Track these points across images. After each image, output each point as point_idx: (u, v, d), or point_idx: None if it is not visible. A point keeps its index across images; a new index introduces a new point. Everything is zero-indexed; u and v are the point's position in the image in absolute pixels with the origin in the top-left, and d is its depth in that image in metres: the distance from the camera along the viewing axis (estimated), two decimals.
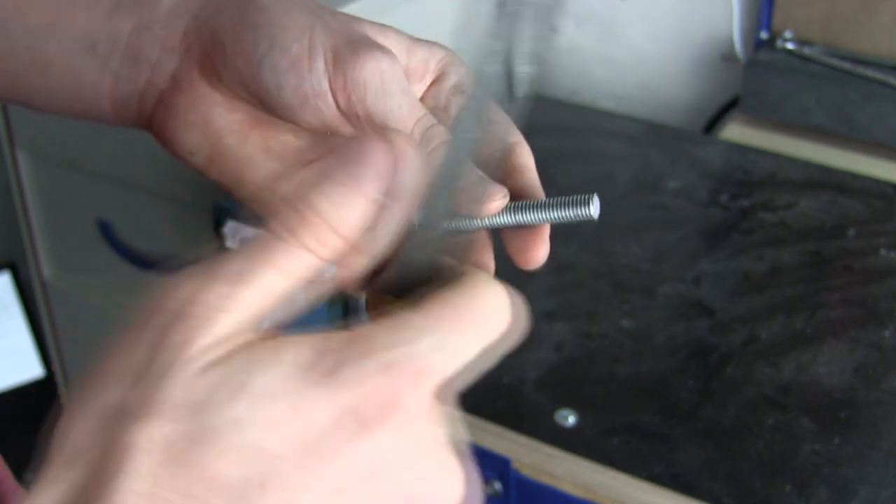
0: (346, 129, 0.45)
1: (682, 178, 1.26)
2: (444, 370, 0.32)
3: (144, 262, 1.39)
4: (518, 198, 0.44)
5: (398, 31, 0.47)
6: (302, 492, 0.29)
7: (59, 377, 1.64)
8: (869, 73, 1.25)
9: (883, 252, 1.12)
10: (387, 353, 0.31)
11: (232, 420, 0.29)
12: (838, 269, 1.09)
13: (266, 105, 0.45)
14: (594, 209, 0.42)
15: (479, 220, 0.44)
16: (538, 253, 0.44)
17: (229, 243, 0.90)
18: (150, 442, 0.29)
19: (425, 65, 0.47)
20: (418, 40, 0.48)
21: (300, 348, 0.31)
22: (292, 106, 0.44)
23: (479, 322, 0.33)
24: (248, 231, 0.90)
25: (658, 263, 1.11)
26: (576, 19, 1.52)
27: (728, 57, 1.44)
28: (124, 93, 0.48)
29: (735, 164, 1.30)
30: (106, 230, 1.41)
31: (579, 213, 0.42)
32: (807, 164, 1.27)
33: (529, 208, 0.43)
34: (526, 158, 0.46)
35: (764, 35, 1.35)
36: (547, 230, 0.44)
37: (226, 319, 0.31)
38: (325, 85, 0.44)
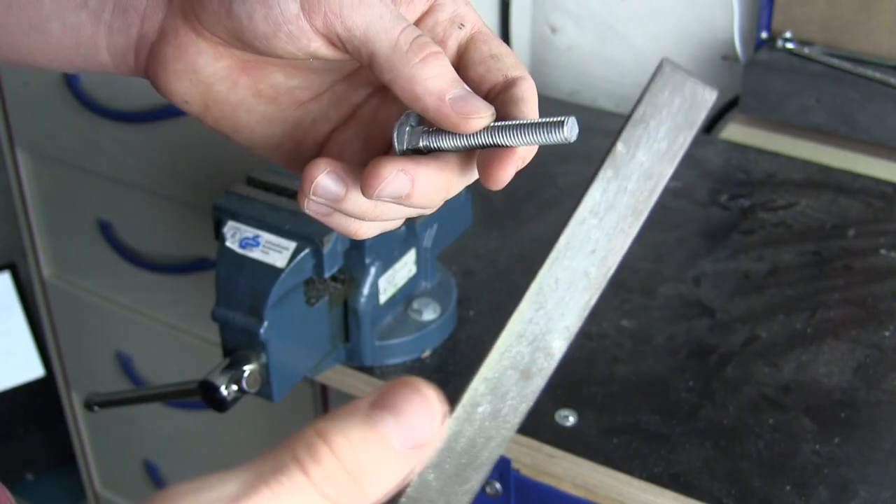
0: (326, 52, 0.44)
1: (682, 178, 1.26)
2: None
3: (144, 262, 1.39)
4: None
5: None
6: None
7: (59, 377, 1.64)
8: (869, 73, 1.25)
9: (883, 252, 1.12)
10: None
11: None
12: (838, 269, 1.09)
13: (243, 41, 0.44)
14: (568, 131, 0.41)
15: (458, 139, 0.43)
16: (502, 173, 0.43)
17: (229, 243, 0.90)
18: None
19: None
20: None
21: None
22: (266, 34, 0.43)
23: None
24: (250, 231, 0.90)
25: (658, 263, 1.11)
26: (576, 19, 1.52)
27: (728, 57, 1.44)
28: (120, 45, 0.48)
29: (735, 164, 1.30)
30: (106, 230, 1.41)
31: (555, 135, 0.41)
32: (807, 164, 1.27)
33: (505, 129, 0.42)
34: (526, 93, 0.44)
35: (764, 35, 1.35)
36: (516, 152, 0.43)
37: None
38: (296, 8, 0.43)
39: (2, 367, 1.88)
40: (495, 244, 1.15)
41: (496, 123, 0.42)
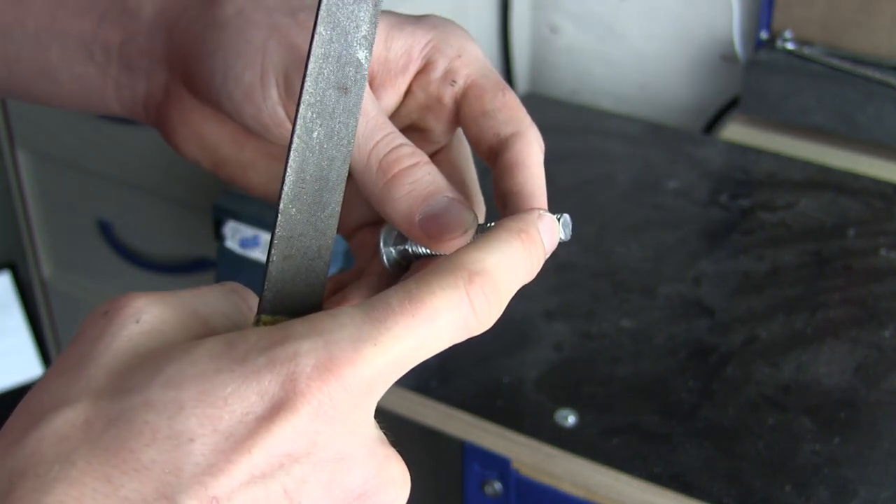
0: None
1: (682, 178, 1.26)
2: (368, 362, 0.30)
3: (144, 262, 1.39)
4: (511, 201, 0.41)
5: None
6: (220, 476, 0.29)
7: None
8: (869, 73, 1.25)
9: (883, 252, 1.12)
10: (299, 341, 0.30)
11: (144, 402, 0.29)
12: (838, 269, 1.09)
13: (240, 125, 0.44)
14: (563, 231, 0.39)
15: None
16: None
17: (229, 243, 0.90)
18: (70, 426, 0.29)
19: (408, 54, 0.43)
20: (402, 22, 0.44)
21: (216, 340, 0.31)
22: (258, 131, 0.43)
23: (423, 318, 0.31)
24: (248, 231, 0.90)
25: (658, 263, 1.11)
26: (576, 19, 1.52)
27: (728, 57, 1.44)
28: (128, 99, 0.47)
29: (735, 164, 1.30)
30: (106, 230, 1.41)
31: None
32: (807, 164, 1.27)
33: None
34: (522, 154, 0.42)
35: (764, 35, 1.35)
36: None
37: (155, 314, 0.32)
38: (282, 113, 0.42)
39: (2, 367, 1.88)
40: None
41: (487, 224, 0.40)
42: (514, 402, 0.93)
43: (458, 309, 0.32)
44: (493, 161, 0.43)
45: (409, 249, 0.42)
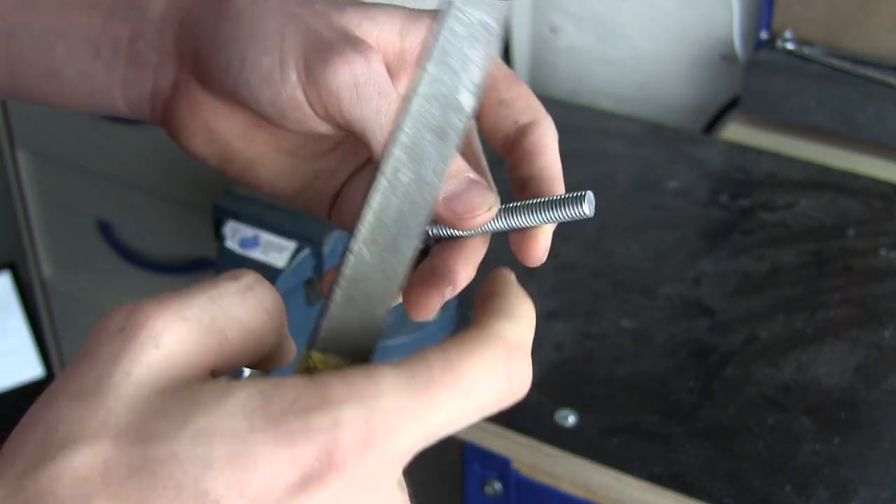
0: (335, 132, 0.43)
1: (682, 178, 1.26)
2: (406, 435, 0.29)
3: (144, 262, 1.39)
4: (531, 186, 0.42)
5: (392, 9, 0.43)
6: None
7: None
8: (869, 73, 1.25)
9: (883, 252, 1.12)
10: (339, 407, 0.29)
11: (171, 455, 0.28)
12: (838, 269, 1.09)
13: (254, 113, 0.44)
14: (588, 207, 0.40)
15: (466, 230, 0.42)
16: (536, 252, 0.42)
17: (229, 243, 0.90)
18: (88, 468, 0.27)
19: (423, 45, 0.43)
20: (417, 15, 0.44)
21: (249, 391, 0.29)
22: (274, 117, 0.43)
23: (463, 391, 0.30)
24: (248, 231, 0.90)
25: (658, 263, 1.11)
26: (576, 19, 1.52)
27: (728, 57, 1.44)
28: (135, 96, 0.47)
29: (735, 164, 1.30)
30: (106, 230, 1.41)
31: (572, 212, 0.40)
32: (807, 164, 1.27)
33: (520, 212, 0.41)
34: (541, 140, 0.43)
35: (764, 35, 1.35)
36: (542, 229, 0.42)
37: (172, 336, 0.30)
38: (301, 96, 0.42)
39: (2, 367, 1.88)
40: (495, 244, 1.14)
41: (509, 205, 0.41)
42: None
43: (496, 379, 0.32)
44: (510, 149, 0.43)
45: (430, 232, 0.42)
